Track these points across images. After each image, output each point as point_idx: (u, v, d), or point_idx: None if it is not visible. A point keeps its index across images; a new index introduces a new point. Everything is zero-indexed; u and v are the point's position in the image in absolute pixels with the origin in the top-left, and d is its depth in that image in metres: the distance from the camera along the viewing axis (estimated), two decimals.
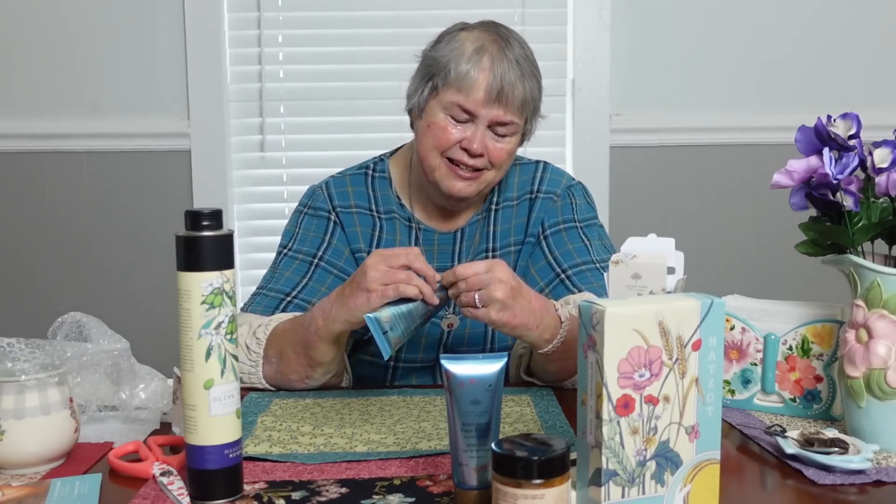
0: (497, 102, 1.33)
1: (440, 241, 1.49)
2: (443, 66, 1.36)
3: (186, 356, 0.89)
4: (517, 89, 1.34)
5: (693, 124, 2.39)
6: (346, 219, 1.48)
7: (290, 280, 1.42)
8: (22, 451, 0.99)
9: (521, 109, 1.36)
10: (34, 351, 1.12)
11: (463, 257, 1.48)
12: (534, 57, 1.40)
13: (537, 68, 1.40)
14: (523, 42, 1.40)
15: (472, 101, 1.34)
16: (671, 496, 0.83)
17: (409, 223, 1.49)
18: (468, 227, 1.49)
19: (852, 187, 1.06)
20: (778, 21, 2.39)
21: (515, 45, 1.37)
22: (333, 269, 1.44)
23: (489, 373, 0.89)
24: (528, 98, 1.36)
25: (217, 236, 0.89)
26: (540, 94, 1.41)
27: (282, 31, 2.36)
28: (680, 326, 0.82)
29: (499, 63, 1.33)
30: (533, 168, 1.53)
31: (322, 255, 1.45)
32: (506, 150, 1.38)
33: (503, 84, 1.33)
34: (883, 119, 1.76)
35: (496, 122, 1.35)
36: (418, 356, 1.46)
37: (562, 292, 1.41)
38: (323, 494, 0.92)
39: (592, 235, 1.48)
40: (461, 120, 1.36)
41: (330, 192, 1.50)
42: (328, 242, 1.46)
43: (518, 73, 1.34)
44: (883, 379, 1.03)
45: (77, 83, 2.33)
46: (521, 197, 1.50)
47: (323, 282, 1.43)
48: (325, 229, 1.47)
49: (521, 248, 1.48)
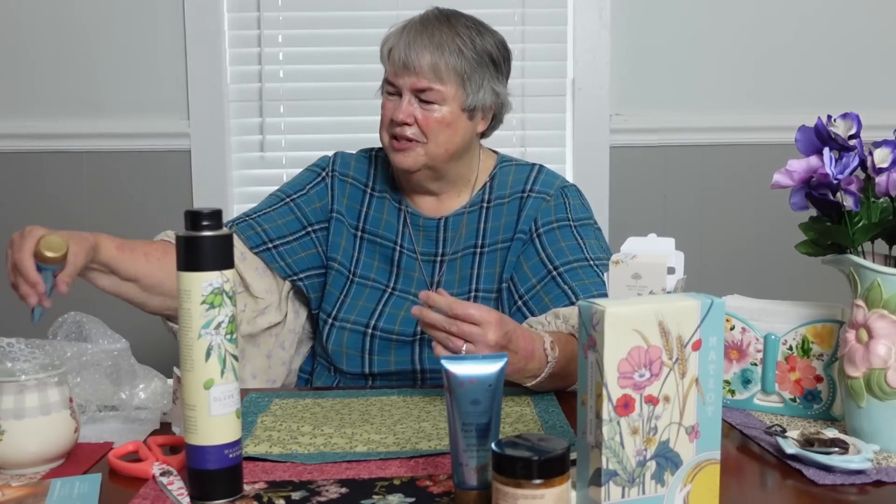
0: (405, 69, 1.42)
1: (425, 227, 1.53)
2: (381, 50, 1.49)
3: (186, 356, 0.89)
4: (424, 56, 1.41)
5: (693, 124, 2.38)
6: (338, 184, 1.58)
7: (257, 208, 1.56)
8: (22, 451, 0.99)
9: (436, 74, 1.42)
10: (34, 351, 1.12)
11: (448, 245, 1.51)
12: (474, 35, 1.44)
13: (482, 52, 1.44)
14: (463, 23, 1.45)
15: (391, 73, 1.45)
16: (671, 496, 0.83)
17: (399, 205, 1.55)
18: (452, 218, 1.53)
19: (852, 187, 1.06)
20: (778, 21, 2.38)
21: (443, 22, 1.44)
22: (298, 211, 1.55)
23: (489, 373, 0.89)
24: (440, 65, 1.41)
25: (217, 236, 0.89)
26: (474, 67, 1.44)
27: (282, 31, 2.35)
28: (680, 326, 0.82)
29: (411, 35, 1.43)
30: (528, 170, 1.55)
31: (295, 197, 1.56)
32: (435, 119, 1.43)
33: (409, 52, 1.42)
34: (883, 119, 1.76)
35: (415, 88, 1.43)
36: (395, 328, 1.47)
37: (553, 289, 1.41)
38: (323, 494, 0.92)
39: (587, 235, 1.48)
40: (391, 93, 1.46)
41: (335, 158, 1.61)
42: (305, 190, 1.57)
43: (428, 42, 1.42)
44: (883, 379, 1.03)
45: (77, 83, 2.33)
46: (512, 195, 1.52)
47: (283, 216, 1.54)
48: (312, 180, 1.59)
49: (509, 245, 1.48)
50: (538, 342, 1.24)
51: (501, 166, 1.56)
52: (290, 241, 1.52)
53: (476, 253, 1.50)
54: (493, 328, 1.15)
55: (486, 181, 1.54)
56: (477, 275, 1.49)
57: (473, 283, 1.48)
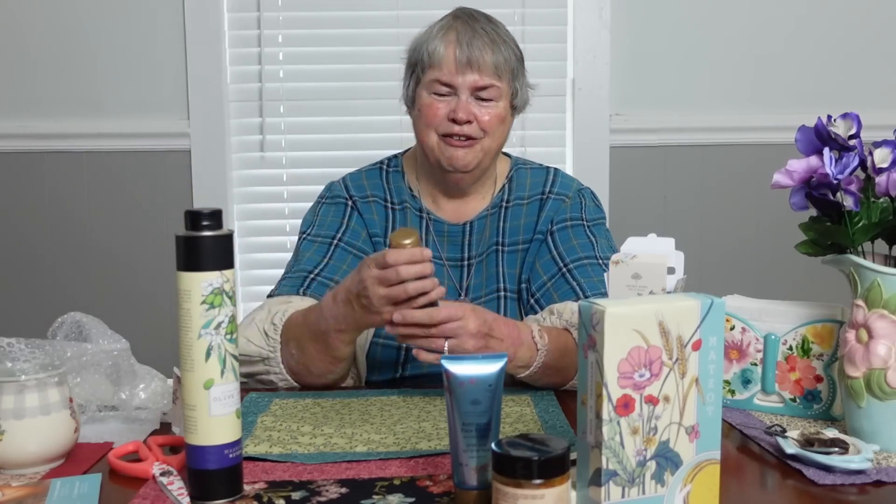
0: (469, 67, 1.40)
1: (450, 233, 1.52)
2: (419, 53, 1.45)
3: (186, 356, 0.89)
4: (486, 53, 1.40)
5: (693, 124, 2.39)
6: (364, 207, 1.53)
7: (311, 260, 1.47)
8: (22, 451, 0.99)
9: (496, 71, 1.42)
10: (34, 351, 1.12)
11: (473, 248, 1.51)
12: (507, 32, 1.47)
13: (512, 40, 1.47)
14: (495, 21, 1.47)
15: (447, 73, 1.41)
16: (671, 496, 0.83)
17: (421, 213, 1.53)
18: (477, 221, 1.53)
19: (852, 187, 1.06)
20: (778, 21, 2.38)
21: (482, 20, 1.44)
22: (352, 248, 1.49)
23: (489, 373, 0.89)
24: (500, 61, 1.42)
25: (217, 236, 0.89)
26: (518, 61, 1.47)
27: (282, 31, 2.36)
28: (680, 326, 0.82)
29: (464, 34, 1.41)
30: (545, 173, 1.57)
31: (341, 236, 1.50)
32: (494, 115, 1.43)
33: (471, 50, 1.40)
34: (883, 119, 1.76)
35: (475, 87, 1.41)
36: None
37: (562, 285, 1.43)
38: (323, 494, 0.92)
39: (600, 234, 1.52)
40: (444, 94, 1.42)
41: (347, 184, 1.56)
42: (346, 225, 1.51)
43: (486, 40, 1.41)
44: (883, 379, 1.03)
45: (77, 83, 2.33)
46: (532, 197, 1.54)
47: (343, 260, 1.47)
48: (343, 213, 1.53)
49: (528, 246, 1.50)
50: (524, 329, 1.26)
51: (518, 169, 1.57)
52: None
53: (498, 251, 1.51)
54: (471, 317, 1.18)
55: (504, 183, 1.55)
56: (502, 273, 1.50)
57: (499, 282, 1.49)
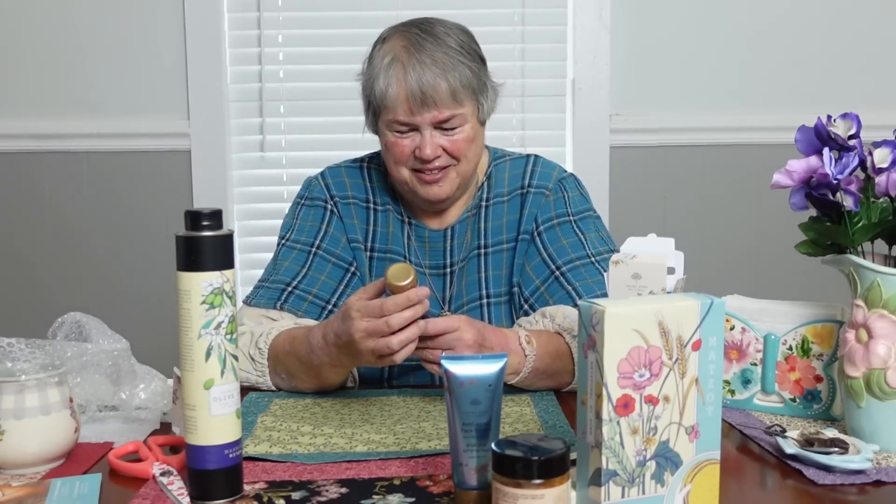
0: (424, 105, 1.33)
1: (431, 239, 1.49)
2: (370, 90, 1.39)
3: (186, 356, 0.89)
4: (440, 83, 1.33)
5: (693, 124, 2.38)
6: (344, 210, 1.49)
7: (289, 270, 1.44)
8: (22, 451, 0.99)
9: (455, 98, 1.34)
10: (34, 351, 1.12)
11: (455, 254, 1.48)
12: (460, 40, 1.37)
13: (467, 47, 1.38)
14: (445, 31, 1.37)
15: (403, 114, 1.35)
16: (671, 496, 0.83)
17: (402, 217, 1.50)
18: (458, 225, 1.49)
19: (852, 187, 1.06)
20: (778, 21, 2.38)
21: (429, 39, 1.35)
22: (332, 257, 1.46)
23: (489, 373, 0.89)
24: (456, 86, 1.34)
25: (217, 236, 0.89)
26: (476, 73, 1.38)
27: (282, 31, 2.35)
28: (680, 326, 0.82)
29: (411, 69, 1.33)
30: (523, 162, 1.52)
31: (320, 243, 1.46)
32: (462, 139, 1.38)
33: (422, 85, 1.32)
34: (883, 119, 1.76)
35: (436, 122, 1.35)
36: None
37: (557, 290, 1.40)
38: (323, 494, 0.92)
39: (587, 228, 1.46)
40: (406, 132, 1.37)
41: (327, 181, 1.52)
42: (325, 231, 1.47)
43: (437, 70, 1.33)
44: (883, 379, 1.03)
45: (77, 83, 2.33)
46: (511, 192, 1.49)
47: (322, 270, 1.45)
48: (322, 218, 1.49)
49: (514, 245, 1.46)
50: (511, 337, 1.25)
51: (496, 163, 1.52)
52: (342, 290, 1.44)
53: (480, 255, 1.46)
54: (466, 328, 1.18)
55: (483, 180, 1.51)
56: (485, 278, 1.45)
57: (482, 289, 1.45)
